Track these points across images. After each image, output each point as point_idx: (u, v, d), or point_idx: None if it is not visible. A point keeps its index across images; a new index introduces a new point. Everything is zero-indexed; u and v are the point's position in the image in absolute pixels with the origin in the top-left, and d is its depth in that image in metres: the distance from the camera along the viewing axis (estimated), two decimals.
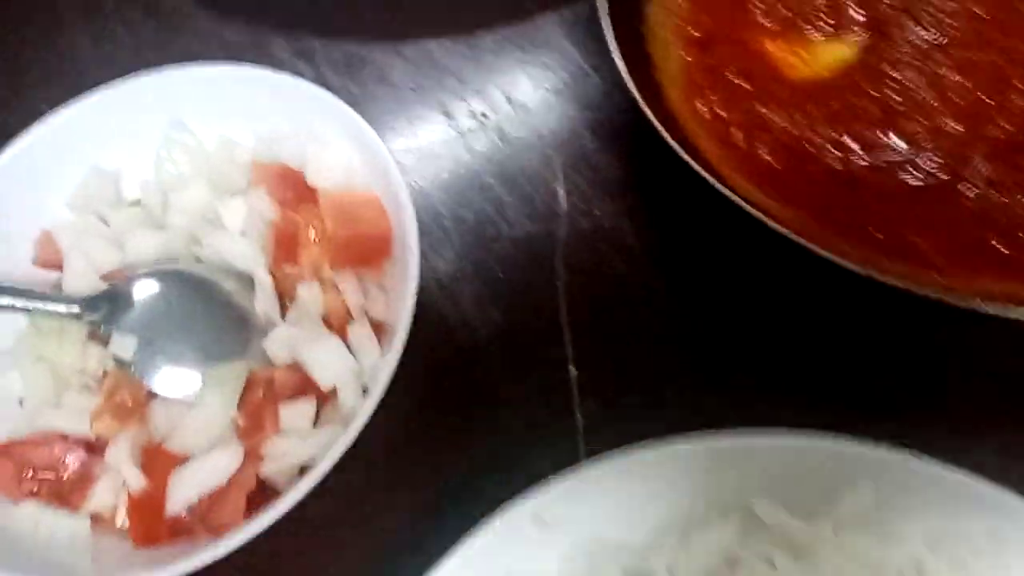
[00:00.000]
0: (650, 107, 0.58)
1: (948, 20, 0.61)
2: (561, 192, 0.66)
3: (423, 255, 0.61)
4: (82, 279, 0.56)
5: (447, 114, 0.70)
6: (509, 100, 0.71)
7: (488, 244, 0.64)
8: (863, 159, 0.59)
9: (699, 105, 0.63)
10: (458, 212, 0.66)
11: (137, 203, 0.61)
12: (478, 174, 0.67)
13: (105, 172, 0.61)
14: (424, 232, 0.63)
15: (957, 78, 0.59)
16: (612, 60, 0.58)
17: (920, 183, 0.57)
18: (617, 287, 0.61)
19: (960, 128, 0.58)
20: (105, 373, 0.55)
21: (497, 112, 0.70)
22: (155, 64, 0.61)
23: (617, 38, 0.60)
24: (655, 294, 0.61)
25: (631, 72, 0.58)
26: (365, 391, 0.51)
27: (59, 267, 0.58)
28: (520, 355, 0.60)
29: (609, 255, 0.63)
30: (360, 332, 0.52)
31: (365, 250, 0.54)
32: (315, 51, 0.76)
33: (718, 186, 0.53)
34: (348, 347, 0.53)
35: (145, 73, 0.60)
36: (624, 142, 0.67)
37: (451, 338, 0.61)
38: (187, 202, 0.60)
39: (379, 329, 0.54)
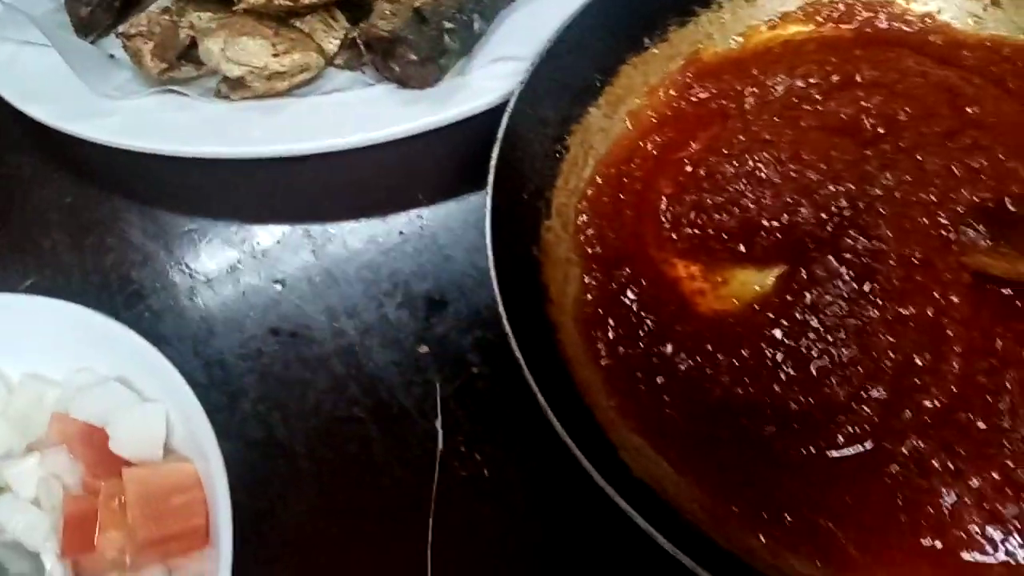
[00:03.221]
0: (536, 357, 0.50)
1: (877, 264, 0.54)
2: (439, 429, 0.57)
3: (270, 511, 0.52)
4: None
5: (314, 323, 0.61)
6: (388, 310, 0.62)
7: (351, 494, 0.55)
8: (774, 422, 0.51)
9: (599, 346, 0.55)
10: (319, 451, 0.56)
11: None
12: (346, 401, 0.58)
13: None
14: (275, 477, 0.55)
15: (885, 334, 0.52)
16: None
17: (836, 458, 0.50)
18: (494, 560, 0.52)
19: (884, 394, 0.51)
20: None
21: (374, 323, 0.61)
22: None
23: (503, 268, 0.52)
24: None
25: (512, 316, 0.50)
26: None
27: None
28: None
29: (487, 515, 0.54)
30: None
31: (175, 546, 0.45)
32: (172, 233, 0.67)
33: (598, 479, 0.45)
34: None
35: None
36: (518, 369, 0.59)
37: None
38: None
39: None
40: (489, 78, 0.66)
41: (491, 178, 0.55)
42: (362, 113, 0.66)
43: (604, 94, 0.65)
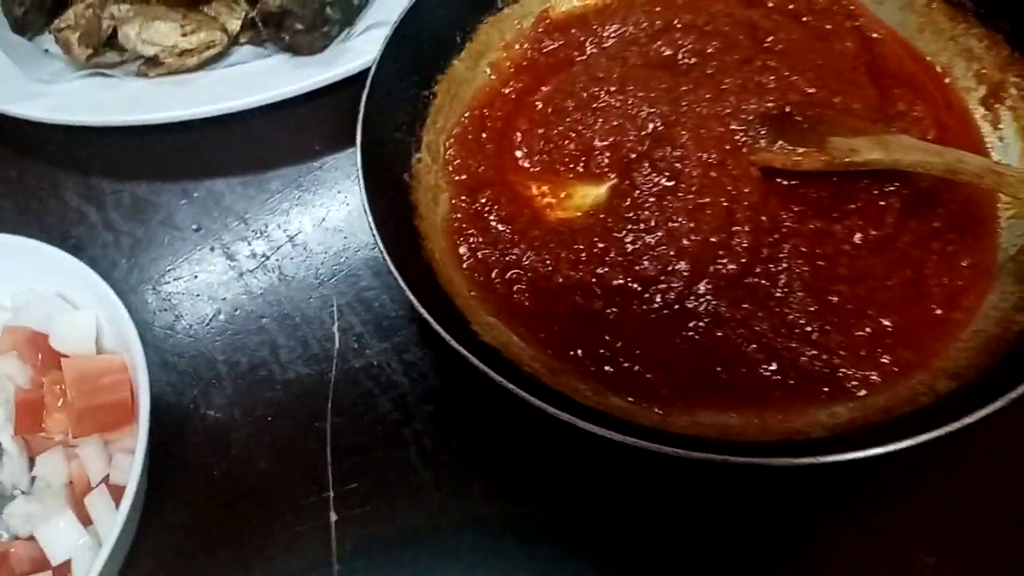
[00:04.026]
0: (403, 257, 0.61)
1: (681, 166, 0.66)
2: (335, 332, 0.68)
3: (194, 406, 0.63)
4: None
5: (228, 255, 0.72)
6: (291, 240, 0.73)
7: (260, 389, 0.65)
8: (601, 298, 0.62)
9: (462, 250, 0.66)
10: (233, 357, 0.67)
11: None
12: (255, 316, 0.69)
13: None
14: (197, 380, 0.65)
15: (687, 221, 0.64)
16: None
17: (649, 319, 0.61)
18: (383, 428, 0.63)
19: (687, 267, 0.62)
20: None
21: (278, 252, 0.72)
22: None
23: (373, 189, 0.63)
24: (420, 436, 0.63)
25: (380, 226, 0.61)
26: None
27: None
28: (283, 503, 0.60)
29: (376, 395, 0.65)
30: (98, 502, 0.53)
31: (107, 417, 0.55)
32: (104, 195, 0.77)
33: (449, 340, 0.55)
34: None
35: None
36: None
37: (216, 490, 0.61)
38: None
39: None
40: (368, 42, 0.77)
41: (361, 118, 0.66)
42: (260, 78, 0.77)
43: (466, 49, 0.76)
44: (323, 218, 0.74)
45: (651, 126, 0.69)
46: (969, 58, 0.71)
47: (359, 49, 0.77)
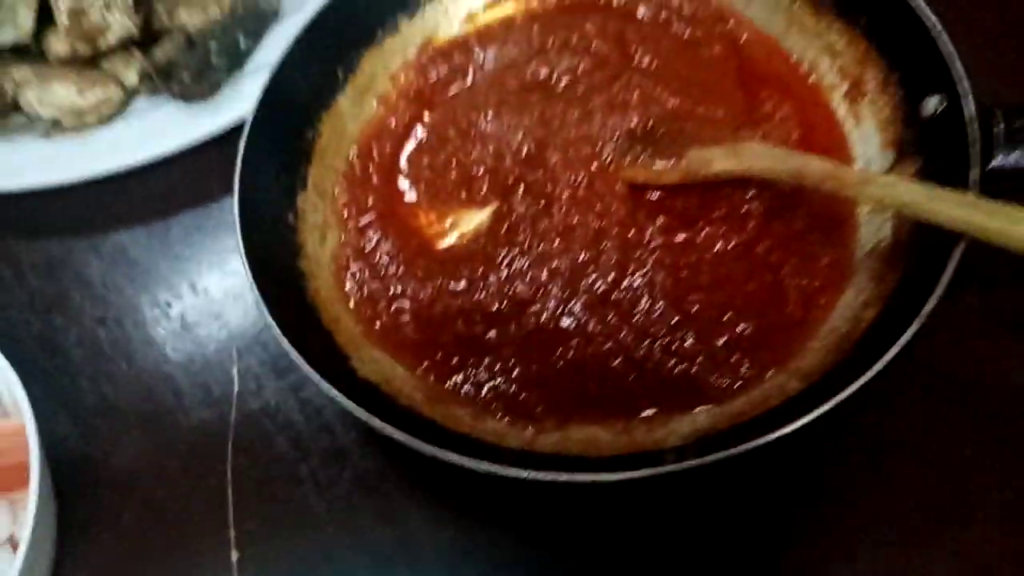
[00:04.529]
0: (281, 298, 0.63)
1: (552, 188, 0.68)
2: (235, 375, 0.70)
3: (102, 458, 0.66)
4: None
5: (133, 308, 0.75)
6: (193, 287, 0.75)
7: (166, 435, 0.68)
8: (481, 323, 0.65)
9: (349, 286, 0.69)
10: (138, 406, 0.70)
11: None
12: (160, 364, 0.72)
13: None
14: (105, 432, 0.68)
15: (559, 242, 0.66)
16: None
17: (526, 341, 0.63)
18: (280, 466, 0.66)
19: (560, 287, 0.64)
20: None
21: (180, 300, 0.75)
22: None
23: (251, 235, 0.65)
24: (315, 471, 0.66)
25: (255, 271, 0.62)
26: None
27: None
28: (188, 547, 0.64)
29: (273, 434, 0.67)
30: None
31: (8, 479, 0.58)
32: (20, 255, 0.80)
33: (309, 372, 0.57)
34: None
35: None
36: None
37: (124, 539, 0.64)
38: None
39: None
40: (256, 85, 0.79)
41: (239, 162, 0.67)
42: (157, 130, 0.79)
43: (349, 84, 0.77)
44: (223, 262, 0.76)
45: (525, 150, 0.71)
46: (832, 54, 0.72)
47: (247, 93, 0.79)
